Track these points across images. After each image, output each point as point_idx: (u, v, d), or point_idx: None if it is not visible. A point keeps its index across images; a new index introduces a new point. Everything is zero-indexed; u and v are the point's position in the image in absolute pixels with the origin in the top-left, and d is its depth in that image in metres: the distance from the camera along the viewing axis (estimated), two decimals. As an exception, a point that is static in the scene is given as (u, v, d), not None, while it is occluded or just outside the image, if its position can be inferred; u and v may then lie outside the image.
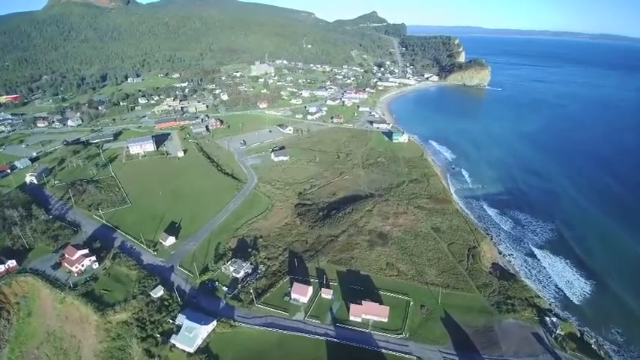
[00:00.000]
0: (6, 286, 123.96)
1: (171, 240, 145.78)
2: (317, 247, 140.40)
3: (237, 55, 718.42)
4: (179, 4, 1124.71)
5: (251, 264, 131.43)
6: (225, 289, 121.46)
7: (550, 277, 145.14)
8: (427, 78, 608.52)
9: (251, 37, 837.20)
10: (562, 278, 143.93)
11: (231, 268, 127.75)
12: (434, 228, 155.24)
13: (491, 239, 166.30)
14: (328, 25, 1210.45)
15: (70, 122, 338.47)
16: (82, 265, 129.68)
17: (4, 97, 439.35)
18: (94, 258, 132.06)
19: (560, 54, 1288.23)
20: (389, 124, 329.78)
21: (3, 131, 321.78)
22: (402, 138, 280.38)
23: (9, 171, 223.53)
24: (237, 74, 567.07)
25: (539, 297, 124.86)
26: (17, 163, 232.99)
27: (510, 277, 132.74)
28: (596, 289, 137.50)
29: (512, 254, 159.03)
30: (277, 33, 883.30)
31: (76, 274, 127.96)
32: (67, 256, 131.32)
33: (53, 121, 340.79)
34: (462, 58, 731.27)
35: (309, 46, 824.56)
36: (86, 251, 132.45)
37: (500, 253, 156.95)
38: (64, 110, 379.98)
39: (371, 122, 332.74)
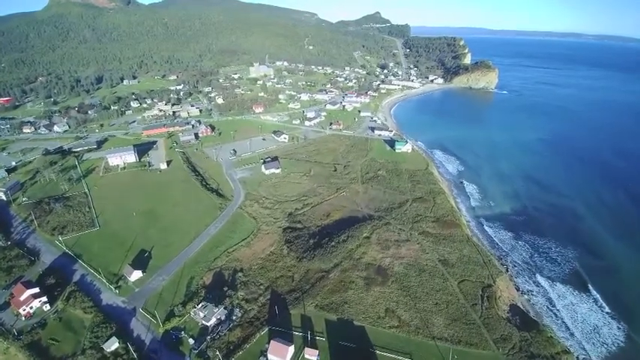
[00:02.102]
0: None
1: (137, 274, 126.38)
2: (304, 287, 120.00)
3: (237, 56, 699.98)
4: (180, 5, 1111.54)
5: (225, 308, 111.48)
6: (191, 341, 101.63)
7: (576, 321, 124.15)
8: (432, 80, 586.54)
9: (252, 38, 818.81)
10: (588, 323, 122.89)
11: (201, 314, 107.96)
12: (442, 260, 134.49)
13: (507, 271, 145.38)
14: (331, 26, 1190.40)
15: (56, 128, 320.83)
16: (31, 308, 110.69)
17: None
18: (44, 299, 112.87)
19: (568, 55, 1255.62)
20: (391, 131, 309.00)
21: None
22: (406, 147, 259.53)
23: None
24: (236, 76, 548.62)
25: (567, 352, 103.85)
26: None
27: (532, 326, 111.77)
28: (630, 338, 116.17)
29: (531, 291, 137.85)
30: (279, 34, 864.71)
31: (23, 318, 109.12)
32: (15, 295, 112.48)
33: (40, 127, 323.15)
34: (467, 60, 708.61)
35: (311, 47, 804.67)
36: (36, 290, 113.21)
37: (518, 289, 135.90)
38: (52, 115, 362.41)
39: (372, 129, 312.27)
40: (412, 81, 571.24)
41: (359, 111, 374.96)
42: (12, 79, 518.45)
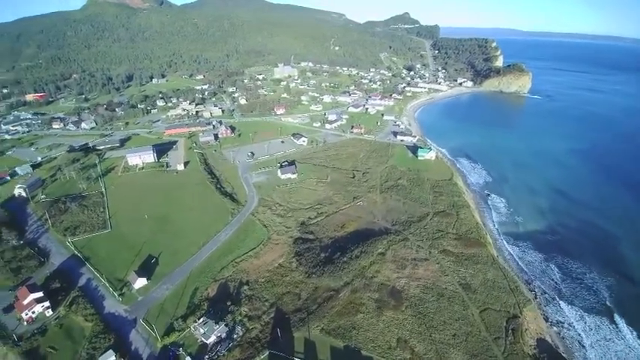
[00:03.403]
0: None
1: (141, 282, 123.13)
2: (311, 306, 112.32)
3: (263, 56, 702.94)
4: (211, 6, 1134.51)
5: (226, 325, 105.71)
6: (188, 359, 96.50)
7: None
8: (460, 83, 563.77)
9: (278, 39, 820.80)
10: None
11: (201, 330, 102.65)
12: (463, 284, 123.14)
13: (536, 298, 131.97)
14: (358, 27, 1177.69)
15: (83, 125, 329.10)
16: (33, 312, 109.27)
17: (31, 95, 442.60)
18: (47, 304, 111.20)
19: (606, 59, 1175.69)
20: (415, 136, 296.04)
21: (18, 131, 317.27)
22: (429, 155, 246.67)
23: (8, 178, 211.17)
24: (260, 77, 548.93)
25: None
26: (18, 170, 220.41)
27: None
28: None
29: (562, 322, 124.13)
30: (305, 34, 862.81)
31: (25, 323, 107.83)
32: (19, 298, 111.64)
33: (68, 123, 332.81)
34: (499, 62, 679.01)
35: (337, 48, 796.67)
36: (40, 294, 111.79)
37: (547, 320, 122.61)
38: (81, 111, 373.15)
39: (395, 134, 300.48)
40: (439, 83, 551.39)
41: (382, 114, 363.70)
42: (48, 75, 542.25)
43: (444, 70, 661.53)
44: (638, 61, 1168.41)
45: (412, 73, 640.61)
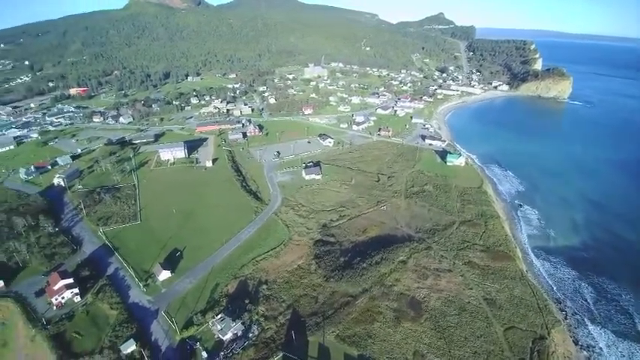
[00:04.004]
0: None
1: (165, 274, 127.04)
2: (327, 311, 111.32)
3: (294, 56, 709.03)
4: (246, 6, 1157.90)
5: (243, 323, 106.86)
6: (204, 355, 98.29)
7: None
8: (495, 87, 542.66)
9: (309, 39, 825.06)
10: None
11: (218, 327, 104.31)
12: (487, 299, 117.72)
13: (566, 318, 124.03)
14: (391, 27, 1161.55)
15: (121, 119, 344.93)
16: (63, 298, 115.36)
17: (75, 89, 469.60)
18: (76, 290, 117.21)
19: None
20: (444, 141, 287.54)
21: (61, 123, 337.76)
22: (458, 161, 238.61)
23: (49, 167, 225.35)
24: (290, 76, 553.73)
25: None
26: (59, 160, 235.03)
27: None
28: None
29: (593, 347, 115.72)
30: (337, 35, 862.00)
31: (54, 307, 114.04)
32: (50, 284, 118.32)
33: (107, 117, 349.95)
34: (538, 66, 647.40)
35: (368, 48, 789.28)
36: (70, 281, 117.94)
37: (576, 343, 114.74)
38: (120, 106, 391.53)
39: (423, 137, 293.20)
40: (473, 86, 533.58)
41: (411, 117, 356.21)
42: (91, 71, 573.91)
43: (478, 73, 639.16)
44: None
45: (445, 75, 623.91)
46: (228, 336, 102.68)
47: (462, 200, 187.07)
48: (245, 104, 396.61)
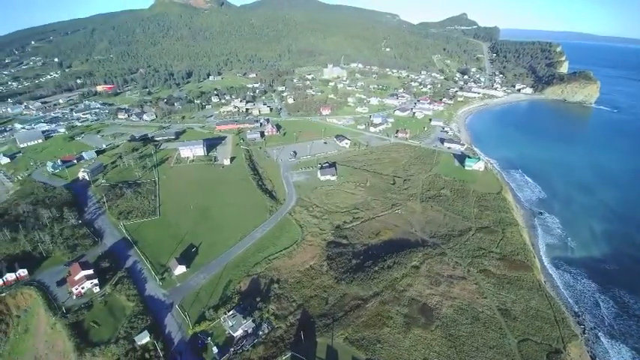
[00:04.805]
0: (10, 297, 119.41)
1: (180, 269, 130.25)
2: (337, 313, 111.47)
3: (314, 57, 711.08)
4: (268, 6, 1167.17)
5: (253, 320, 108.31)
6: (215, 350, 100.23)
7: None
8: (519, 90, 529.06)
9: (329, 40, 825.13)
10: None
11: (229, 323, 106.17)
12: (502, 310, 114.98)
13: (584, 333, 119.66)
14: (412, 28, 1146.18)
15: (145, 116, 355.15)
16: (83, 288, 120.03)
17: (101, 86, 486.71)
18: (96, 281, 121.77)
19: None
20: (463, 144, 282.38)
21: (88, 119, 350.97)
22: (477, 165, 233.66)
23: (75, 161, 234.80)
24: (309, 77, 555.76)
25: None
26: (85, 154, 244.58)
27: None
28: None
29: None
30: (357, 35, 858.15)
31: (74, 297, 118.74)
32: (71, 274, 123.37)
33: (132, 114, 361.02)
34: (564, 69, 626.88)
35: (388, 49, 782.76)
36: (90, 272, 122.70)
37: (594, 359, 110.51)
38: (144, 104, 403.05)
39: (442, 140, 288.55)
40: (495, 89, 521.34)
41: (430, 119, 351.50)
42: (117, 69, 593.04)
43: (501, 75, 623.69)
44: None
45: (466, 77, 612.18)
46: (239, 332, 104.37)
47: (480, 206, 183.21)
48: (264, 104, 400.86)
